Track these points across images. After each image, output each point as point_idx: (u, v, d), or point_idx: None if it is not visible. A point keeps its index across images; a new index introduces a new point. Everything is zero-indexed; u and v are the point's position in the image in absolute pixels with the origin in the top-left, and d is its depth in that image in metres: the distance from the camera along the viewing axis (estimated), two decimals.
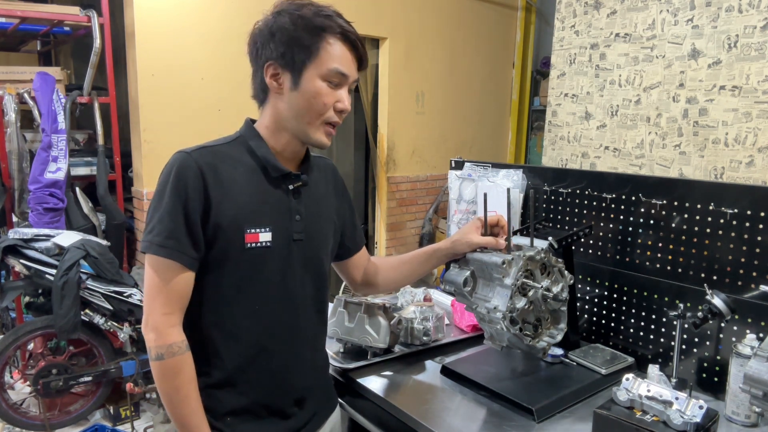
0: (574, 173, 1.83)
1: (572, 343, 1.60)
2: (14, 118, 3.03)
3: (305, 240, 1.18)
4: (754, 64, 2.51)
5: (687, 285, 1.52)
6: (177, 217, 1.05)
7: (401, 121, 4.54)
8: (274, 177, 1.15)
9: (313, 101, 1.10)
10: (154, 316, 1.07)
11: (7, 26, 3.50)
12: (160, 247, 1.05)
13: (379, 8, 4.23)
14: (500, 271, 1.33)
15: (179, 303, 1.09)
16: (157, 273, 1.07)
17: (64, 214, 3.18)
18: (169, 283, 1.06)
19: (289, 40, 1.08)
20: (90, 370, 2.81)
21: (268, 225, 1.12)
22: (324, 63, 1.09)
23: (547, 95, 3.53)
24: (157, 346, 1.06)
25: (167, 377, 1.07)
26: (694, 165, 2.77)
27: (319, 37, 1.08)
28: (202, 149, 1.11)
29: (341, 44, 1.10)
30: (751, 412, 1.28)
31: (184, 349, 1.08)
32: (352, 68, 1.13)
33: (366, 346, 1.56)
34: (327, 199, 1.29)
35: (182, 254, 1.06)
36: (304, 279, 1.20)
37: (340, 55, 1.10)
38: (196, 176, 1.06)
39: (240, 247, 1.09)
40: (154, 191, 1.11)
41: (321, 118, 1.12)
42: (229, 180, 1.10)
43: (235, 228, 1.09)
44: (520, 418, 1.31)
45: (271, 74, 1.11)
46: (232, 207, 1.09)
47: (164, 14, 3.30)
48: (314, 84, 1.09)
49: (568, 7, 3.31)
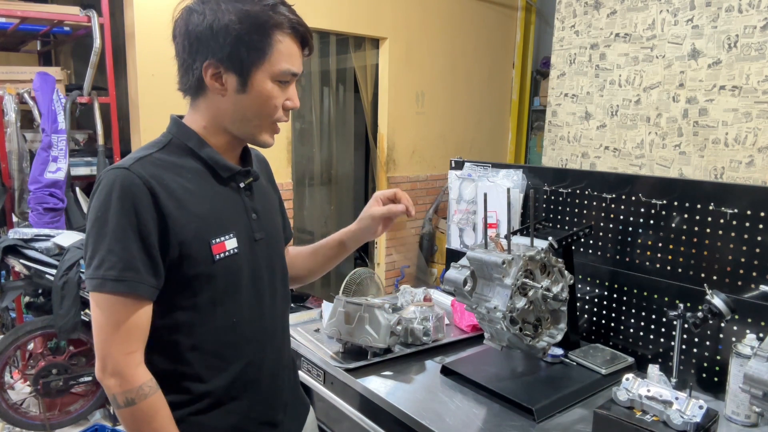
0: (574, 173, 1.83)
1: (572, 343, 1.60)
2: (14, 118, 3.03)
3: (266, 238, 1.11)
4: (754, 64, 2.51)
5: (687, 285, 1.52)
6: (130, 244, 0.92)
7: (401, 121, 4.54)
8: (223, 177, 1.06)
9: (264, 105, 1.01)
10: (114, 359, 0.93)
11: (7, 26, 3.50)
12: (117, 282, 0.91)
13: (379, 8, 4.24)
14: (500, 271, 1.33)
15: (141, 339, 0.96)
16: (113, 312, 0.93)
17: (64, 214, 3.18)
18: (128, 320, 0.93)
19: (236, 40, 0.96)
20: (90, 370, 2.81)
21: (231, 230, 1.03)
22: (275, 63, 0.99)
23: (547, 95, 3.53)
24: (125, 391, 0.93)
25: (144, 422, 0.95)
26: (694, 165, 2.76)
27: (270, 36, 0.98)
28: (140, 160, 0.98)
29: (291, 40, 1.01)
30: (751, 412, 1.28)
31: (155, 388, 0.96)
32: (300, 63, 1.04)
33: (366, 346, 1.56)
34: (269, 191, 1.22)
35: (142, 285, 0.93)
36: (271, 279, 1.13)
37: (291, 52, 1.01)
38: (143, 193, 0.93)
39: (209, 261, 0.99)
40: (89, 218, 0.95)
41: (270, 118, 1.04)
42: (179, 189, 0.98)
43: (200, 241, 0.98)
44: (520, 418, 1.31)
45: (212, 74, 0.99)
46: (190, 219, 0.98)
47: (164, 14, 3.29)
48: (265, 86, 1.00)
49: (568, 7, 3.31)
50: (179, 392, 1.02)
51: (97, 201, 0.95)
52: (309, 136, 4.42)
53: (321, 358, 1.62)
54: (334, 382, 1.59)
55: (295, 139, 4.19)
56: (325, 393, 1.62)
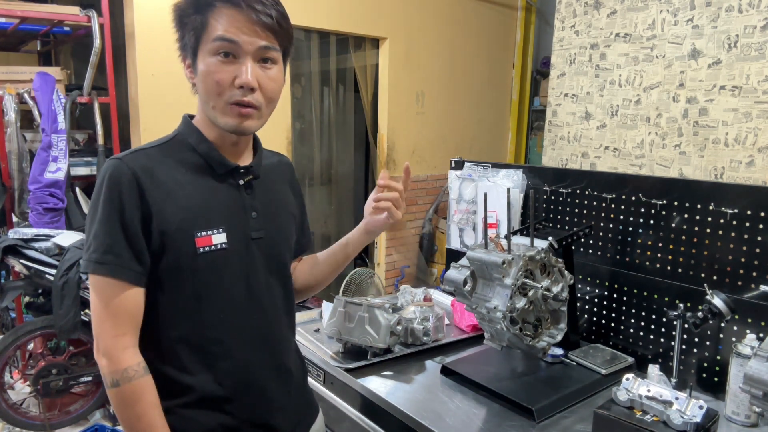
0: (574, 173, 1.83)
1: (572, 343, 1.60)
2: (14, 118, 3.03)
3: (265, 238, 1.10)
4: (754, 64, 2.51)
5: (687, 285, 1.52)
6: (113, 229, 0.96)
7: (401, 121, 4.54)
8: (220, 173, 1.07)
9: (206, 81, 0.99)
10: (104, 340, 0.97)
11: (7, 26, 3.50)
12: (99, 264, 0.96)
13: (379, 8, 4.24)
14: (500, 271, 1.33)
15: (130, 323, 0.99)
16: (100, 293, 0.97)
17: (64, 214, 3.18)
18: (114, 302, 0.97)
19: (180, 23, 1.00)
20: (90, 370, 2.81)
21: (221, 225, 1.03)
22: (211, 35, 0.97)
23: (547, 95, 3.53)
24: (111, 372, 0.96)
25: (127, 405, 0.97)
26: (694, 165, 2.76)
27: (205, 11, 0.97)
28: (135, 152, 1.02)
29: (228, 8, 0.97)
30: (751, 412, 1.28)
31: (142, 373, 0.98)
32: (247, 31, 0.97)
33: (366, 346, 1.56)
34: (284, 194, 1.21)
35: (124, 269, 0.96)
36: (269, 280, 1.11)
37: (227, 20, 0.96)
38: (129, 182, 0.97)
39: (192, 253, 1.00)
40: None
41: (221, 98, 1.00)
42: (170, 182, 1.01)
43: (184, 233, 1.00)
44: (520, 418, 1.31)
45: (187, 66, 1.03)
46: (176, 211, 1.00)
47: (164, 14, 3.27)
48: (205, 62, 0.99)
49: (568, 7, 3.31)
50: (167, 383, 1.02)
51: (95, 189, 1.00)
52: (309, 136, 4.42)
53: (321, 358, 1.62)
54: (334, 382, 1.59)
55: (295, 139, 4.19)
56: (325, 393, 1.62)
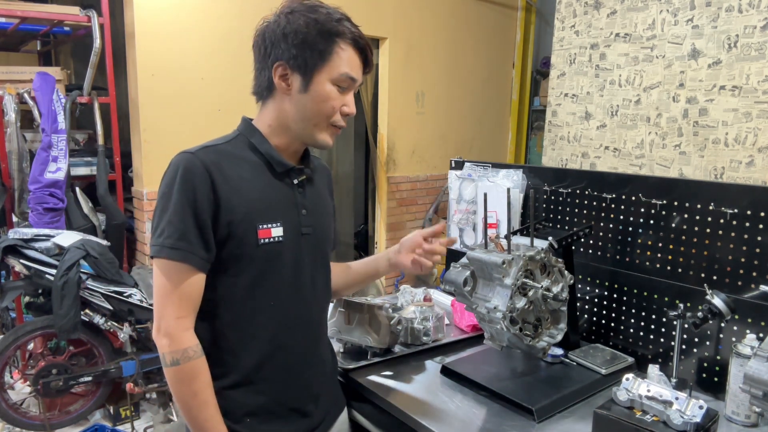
0: (574, 173, 1.83)
1: (572, 343, 1.60)
2: (14, 118, 3.03)
3: (312, 234, 1.21)
4: (754, 64, 2.51)
5: (687, 285, 1.52)
6: (186, 218, 1.05)
7: (401, 121, 4.54)
8: (278, 172, 1.17)
9: (322, 105, 1.12)
10: (166, 321, 1.06)
11: (7, 26, 3.50)
12: (172, 249, 1.05)
13: (379, 8, 4.23)
14: (500, 271, 1.33)
15: (191, 306, 1.08)
16: (169, 277, 1.06)
17: (64, 214, 3.18)
18: (181, 286, 1.06)
19: (302, 43, 1.09)
20: (90, 370, 2.81)
21: (279, 220, 1.14)
22: (335, 68, 1.11)
23: (547, 95, 3.53)
24: (172, 351, 1.05)
25: (184, 383, 1.06)
26: (694, 165, 2.77)
27: (333, 42, 1.10)
28: (205, 148, 1.12)
29: (352, 50, 1.13)
30: (751, 412, 1.28)
31: (199, 353, 1.08)
32: (360, 73, 1.16)
33: (366, 346, 1.56)
34: (325, 195, 1.33)
35: (194, 256, 1.06)
36: (314, 273, 1.22)
37: (351, 60, 1.13)
38: (203, 176, 1.06)
39: (254, 244, 1.10)
40: (158, 195, 1.10)
41: (328, 120, 1.15)
42: (236, 177, 1.10)
43: (248, 224, 1.10)
44: (520, 418, 1.31)
45: (280, 75, 1.12)
46: (242, 204, 1.09)
47: (164, 14, 3.30)
48: (324, 88, 1.11)
49: (568, 7, 3.31)
50: (216, 364, 1.11)
51: (165, 179, 1.09)
52: None
53: None
54: None
55: None
56: None
